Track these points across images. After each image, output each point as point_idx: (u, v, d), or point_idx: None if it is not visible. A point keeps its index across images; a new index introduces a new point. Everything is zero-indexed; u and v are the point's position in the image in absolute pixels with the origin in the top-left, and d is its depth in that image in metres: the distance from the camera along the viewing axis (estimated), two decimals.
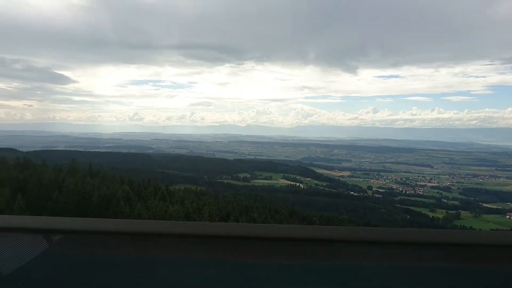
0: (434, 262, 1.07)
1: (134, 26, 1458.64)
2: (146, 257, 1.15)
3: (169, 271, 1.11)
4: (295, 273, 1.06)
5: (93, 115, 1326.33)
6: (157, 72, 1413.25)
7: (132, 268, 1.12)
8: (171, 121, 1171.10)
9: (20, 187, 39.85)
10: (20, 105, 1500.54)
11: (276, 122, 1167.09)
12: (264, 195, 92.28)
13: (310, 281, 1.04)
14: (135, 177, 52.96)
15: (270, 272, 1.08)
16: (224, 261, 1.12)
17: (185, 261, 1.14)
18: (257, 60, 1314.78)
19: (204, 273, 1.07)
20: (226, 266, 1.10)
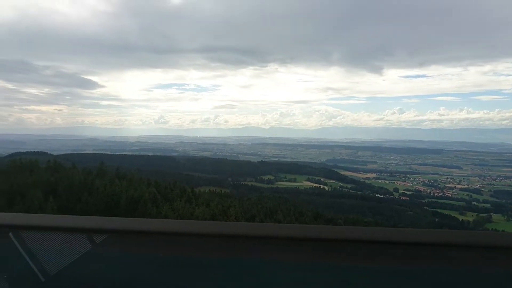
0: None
1: (159, 31, 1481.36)
2: (199, 257, 1.14)
3: (223, 272, 1.09)
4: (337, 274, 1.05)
5: (120, 119, 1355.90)
6: (182, 76, 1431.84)
7: (190, 268, 1.12)
8: (195, 124, 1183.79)
9: (51, 189, 41.14)
10: (50, 110, 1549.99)
11: (300, 124, 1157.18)
12: (288, 197, 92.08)
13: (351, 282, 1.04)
14: (160, 179, 53.82)
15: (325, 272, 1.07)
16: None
17: (238, 262, 1.12)
18: (280, 62, 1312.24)
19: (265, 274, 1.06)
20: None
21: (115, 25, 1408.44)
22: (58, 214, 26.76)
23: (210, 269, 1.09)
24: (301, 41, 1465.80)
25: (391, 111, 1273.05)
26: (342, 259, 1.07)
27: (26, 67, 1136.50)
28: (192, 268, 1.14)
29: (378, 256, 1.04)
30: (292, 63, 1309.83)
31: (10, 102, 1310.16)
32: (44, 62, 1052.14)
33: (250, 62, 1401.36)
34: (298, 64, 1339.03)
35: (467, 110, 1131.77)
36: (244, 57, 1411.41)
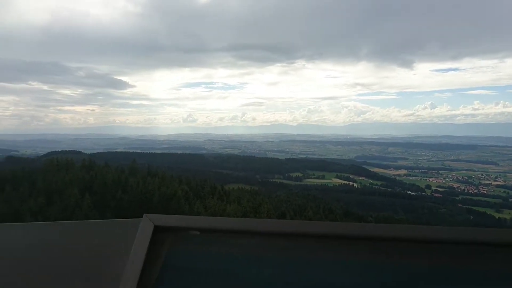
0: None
1: (187, 30, 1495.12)
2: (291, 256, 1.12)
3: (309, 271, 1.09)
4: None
5: (150, 117, 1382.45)
6: (209, 74, 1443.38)
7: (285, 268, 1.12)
8: (223, 122, 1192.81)
9: (87, 187, 42.47)
10: (83, 110, 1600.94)
11: (328, 120, 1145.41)
12: (317, 195, 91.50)
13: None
14: (190, 177, 54.55)
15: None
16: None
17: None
18: (308, 58, 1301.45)
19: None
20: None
21: (144, 26, 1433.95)
22: (93, 211, 27.36)
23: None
24: (329, 37, 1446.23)
25: (422, 106, 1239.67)
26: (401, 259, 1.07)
27: (60, 69, 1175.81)
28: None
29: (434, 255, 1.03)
30: (319, 59, 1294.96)
31: (46, 103, 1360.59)
32: (77, 63, 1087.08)
33: (277, 59, 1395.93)
34: (326, 60, 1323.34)
35: (503, 104, 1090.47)
36: (271, 54, 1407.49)
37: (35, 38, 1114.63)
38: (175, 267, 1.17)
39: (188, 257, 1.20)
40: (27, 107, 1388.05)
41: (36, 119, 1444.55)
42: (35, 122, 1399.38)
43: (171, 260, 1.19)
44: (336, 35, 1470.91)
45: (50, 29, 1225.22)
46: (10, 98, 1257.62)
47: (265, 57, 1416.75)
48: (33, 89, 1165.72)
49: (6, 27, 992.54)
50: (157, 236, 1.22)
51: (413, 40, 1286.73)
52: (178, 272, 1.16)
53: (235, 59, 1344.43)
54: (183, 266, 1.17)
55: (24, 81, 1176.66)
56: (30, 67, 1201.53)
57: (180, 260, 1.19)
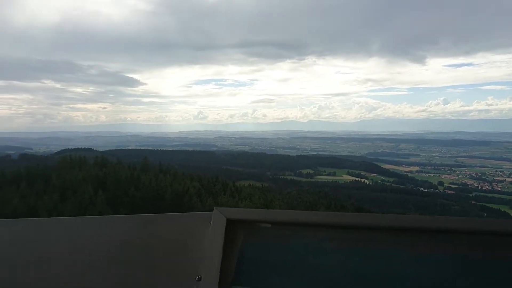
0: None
1: (198, 28, 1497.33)
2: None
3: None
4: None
5: (161, 115, 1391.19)
6: (220, 71, 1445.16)
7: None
8: (234, 119, 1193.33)
9: (100, 184, 42.93)
10: (95, 107, 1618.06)
11: (339, 117, 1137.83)
12: (328, 191, 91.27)
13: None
14: (201, 174, 54.78)
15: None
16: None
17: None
18: (318, 54, 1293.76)
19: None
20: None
21: (154, 23, 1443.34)
22: (107, 207, 27.59)
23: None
24: (340, 32, 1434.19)
25: (434, 102, 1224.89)
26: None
27: (72, 67, 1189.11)
28: None
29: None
30: (330, 55, 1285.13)
31: (59, 101, 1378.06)
32: (89, 62, 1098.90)
33: (288, 55, 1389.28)
34: (337, 56, 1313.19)
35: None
36: (282, 50, 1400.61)
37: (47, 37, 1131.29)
38: (251, 260, 1.19)
39: (262, 249, 1.22)
40: (40, 105, 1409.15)
41: (49, 117, 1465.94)
42: (48, 120, 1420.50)
43: (247, 252, 1.20)
44: (347, 31, 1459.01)
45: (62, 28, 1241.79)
46: (23, 96, 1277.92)
47: (275, 53, 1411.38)
48: (46, 88, 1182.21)
49: (19, 27, 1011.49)
50: (230, 229, 1.24)
51: (426, 35, 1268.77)
52: (254, 265, 1.18)
53: (245, 56, 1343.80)
54: (258, 258, 1.19)
55: (37, 79, 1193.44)
56: (43, 65, 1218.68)
57: (255, 253, 1.21)
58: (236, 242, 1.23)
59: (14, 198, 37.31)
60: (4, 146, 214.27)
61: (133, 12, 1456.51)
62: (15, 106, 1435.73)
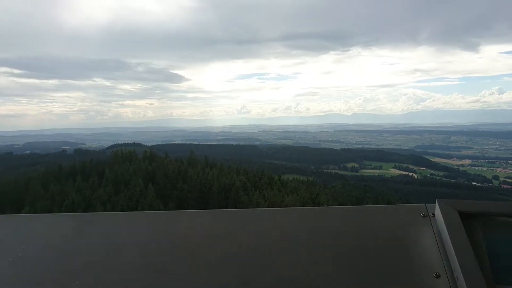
0: None
1: (241, 22, 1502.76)
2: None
3: None
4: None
5: (205, 110, 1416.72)
6: (262, 65, 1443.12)
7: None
8: (277, 113, 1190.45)
9: (149, 177, 44.43)
10: (143, 104, 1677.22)
11: (385, 109, 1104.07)
12: (374, 186, 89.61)
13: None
14: (247, 168, 55.21)
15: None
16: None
17: None
18: (363, 45, 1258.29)
19: None
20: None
21: (198, 19, 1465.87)
22: (157, 200, 28.49)
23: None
24: (386, 21, 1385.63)
25: (488, 92, 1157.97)
26: None
27: (121, 65, 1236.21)
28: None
29: None
30: (376, 46, 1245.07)
31: (109, 98, 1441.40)
32: (137, 59, 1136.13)
33: (332, 47, 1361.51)
34: (383, 46, 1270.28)
35: None
36: (325, 42, 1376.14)
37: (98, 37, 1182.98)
38: (499, 257, 1.10)
39: (507, 245, 1.12)
40: (92, 102, 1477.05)
41: (100, 113, 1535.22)
42: (99, 116, 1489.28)
43: (494, 249, 1.11)
44: (394, 19, 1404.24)
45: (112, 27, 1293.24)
46: (77, 94, 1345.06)
47: (319, 45, 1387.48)
48: (97, 85, 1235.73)
49: (73, 28, 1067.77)
50: (465, 223, 1.15)
51: (479, 20, 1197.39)
52: (505, 262, 1.09)
53: (288, 49, 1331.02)
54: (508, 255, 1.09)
55: (89, 78, 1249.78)
56: (94, 64, 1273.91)
57: (500, 249, 1.11)
58: (475, 237, 1.13)
59: (72, 191, 39.43)
60: (61, 142, 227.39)
61: (178, 9, 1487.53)
62: (70, 104, 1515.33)
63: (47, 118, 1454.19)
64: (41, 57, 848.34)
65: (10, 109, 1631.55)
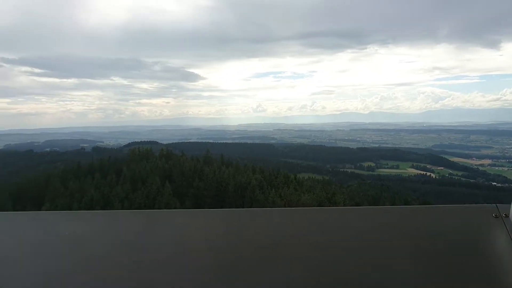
0: None
1: (256, 21, 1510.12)
2: None
3: None
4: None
5: (221, 108, 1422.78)
6: (278, 64, 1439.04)
7: None
8: (292, 111, 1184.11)
9: (166, 175, 44.86)
10: (159, 102, 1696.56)
11: (402, 107, 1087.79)
12: (391, 185, 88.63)
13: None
14: (263, 166, 55.17)
15: None
16: None
17: None
18: (380, 43, 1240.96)
19: None
20: None
21: (214, 18, 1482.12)
22: (174, 198, 28.69)
23: None
24: (404, 18, 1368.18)
25: (510, 90, 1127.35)
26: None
27: (138, 64, 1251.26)
28: None
29: None
30: (393, 43, 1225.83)
31: (126, 97, 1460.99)
32: (153, 58, 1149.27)
33: (348, 45, 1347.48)
34: (400, 44, 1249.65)
35: None
36: (341, 40, 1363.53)
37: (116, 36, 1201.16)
38: None
39: None
40: (110, 101, 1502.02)
41: (118, 112, 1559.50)
42: (117, 115, 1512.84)
43: None
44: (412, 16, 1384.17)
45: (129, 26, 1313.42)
46: (95, 93, 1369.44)
47: (335, 43, 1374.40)
48: (115, 84, 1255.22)
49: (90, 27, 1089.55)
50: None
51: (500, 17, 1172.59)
52: None
53: (304, 47, 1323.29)
54: None
55: (107, 77, 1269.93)
56: (112, 63, 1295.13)
57: None
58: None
59: (90, 188, 40.13)
60: (79, 140, 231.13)
61: (195, 9, 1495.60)
62: (88, 103, 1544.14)
63: (66, 117, 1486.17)
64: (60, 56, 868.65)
65: (31, 107, 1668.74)
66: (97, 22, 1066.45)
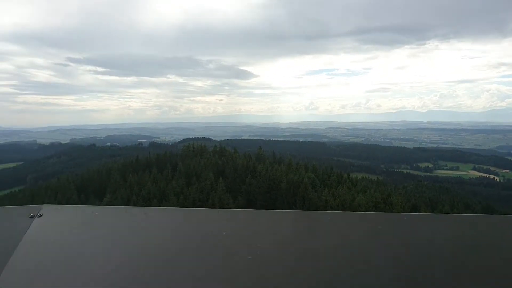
0: None
1: (310, 17, 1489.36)
2: None
3: None
4: None
5: (272, 106, 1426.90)
6: (331, 61, 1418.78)
7: None
8: (346, 109, 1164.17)
9: (220, 171, 45.69)
10: (213, 100, 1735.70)
11: (464, 106, 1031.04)
12: (450, 188, 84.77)
13: None
14: (316, 165, 54.70)
15: None
16: None
17: None
18: (441, 38, 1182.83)
19: None
20: None
21: (267, 16, 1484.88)
22: (227, 194, 29.14)
23: None
24: (468, 12, 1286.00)
25: None
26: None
27: (193, 63, 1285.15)
28: None
29: None
30: (455, 38, 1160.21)
31: (181, 94, 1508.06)
32: (208, 56, 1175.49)
33: (406, 40, 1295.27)
34: (463, 39, 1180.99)
35: None
36: (399, 35, 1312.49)
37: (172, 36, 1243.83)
38: None
39: None
40: (166, 98, 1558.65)
41: (173, 109, 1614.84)
42: (172, 111, 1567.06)
43: None
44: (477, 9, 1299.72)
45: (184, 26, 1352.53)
46: (152, 90, 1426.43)
47: (392, 39, 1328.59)
48: (171, 82, 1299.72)
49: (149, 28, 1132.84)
50: None
51: None
52: None
53: (359, 43, 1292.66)
54: None
55: (163, 75, 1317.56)
56: (168, 62, 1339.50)
57: None
58: None
59: (148, 182, 41.79)
60: (137, 136, 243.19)
61: (247, 6, 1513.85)
62: (146, 100, 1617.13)
63: (125, 113, 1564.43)
64: (121, 55, 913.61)
65: (94, 104, 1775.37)
66: (155, 23, 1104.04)
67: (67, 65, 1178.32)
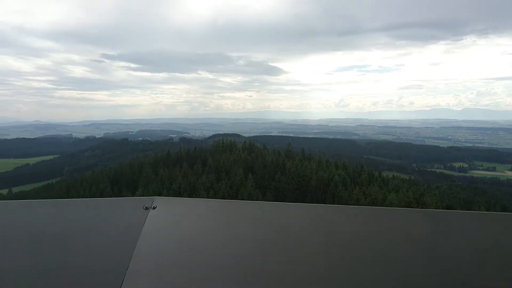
0: None
1: (341, 13, 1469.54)
2: None
3: None
4: None
5: (302, 103, 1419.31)
6: (363, 57, 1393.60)
7: None
8: (377, 107, 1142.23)
9: (249, 167, 45.85)
10: (242, 96, 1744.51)
11: (502, 104, 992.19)
12: (486, 189, 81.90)
13: None
14: (346, 162, 54.01)
15: None
16: None
17: None
18: (479, 33, 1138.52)
19: None
20: None
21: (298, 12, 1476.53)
22: (256, 190, 29.15)
23: None
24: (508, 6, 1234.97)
25: None
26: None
27: (223, 59, 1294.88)
28: None
29: None
30: (494, 34, 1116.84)
31: (211, 90, 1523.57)
32: (238, 53, 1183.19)
33: (441, 36, 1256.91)
34: (503, 34, 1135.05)
35: None
36: (434, 31, 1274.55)
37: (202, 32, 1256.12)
38: None
39: None
40: (196, 94, 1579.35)
41: (203, 104, 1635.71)
42: (202, 107, 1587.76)
43: None
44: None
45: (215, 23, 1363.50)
46: (183, 86, 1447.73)
47: (426, 35, 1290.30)
48: (201, 78, 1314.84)
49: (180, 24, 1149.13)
50: None
51: None
52: None
53: (391, 39, 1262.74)
54: None
55: (194, 71, 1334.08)
56: (199, 58, 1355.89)
57: None
58: None
59: (178, 176, 42.47)
60: (168, 131, 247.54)
61: (277, 2, 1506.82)
62: (176, 96, 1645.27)
63: (157, 109, 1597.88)
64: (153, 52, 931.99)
65: (127, 99, 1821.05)
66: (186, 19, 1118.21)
67: (102, 61, 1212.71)
